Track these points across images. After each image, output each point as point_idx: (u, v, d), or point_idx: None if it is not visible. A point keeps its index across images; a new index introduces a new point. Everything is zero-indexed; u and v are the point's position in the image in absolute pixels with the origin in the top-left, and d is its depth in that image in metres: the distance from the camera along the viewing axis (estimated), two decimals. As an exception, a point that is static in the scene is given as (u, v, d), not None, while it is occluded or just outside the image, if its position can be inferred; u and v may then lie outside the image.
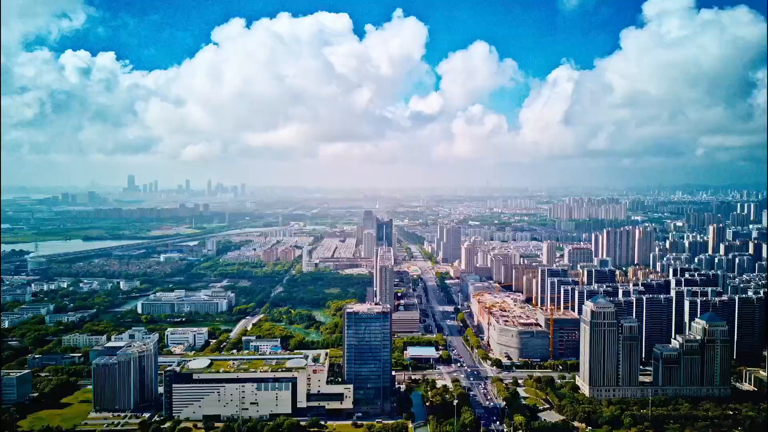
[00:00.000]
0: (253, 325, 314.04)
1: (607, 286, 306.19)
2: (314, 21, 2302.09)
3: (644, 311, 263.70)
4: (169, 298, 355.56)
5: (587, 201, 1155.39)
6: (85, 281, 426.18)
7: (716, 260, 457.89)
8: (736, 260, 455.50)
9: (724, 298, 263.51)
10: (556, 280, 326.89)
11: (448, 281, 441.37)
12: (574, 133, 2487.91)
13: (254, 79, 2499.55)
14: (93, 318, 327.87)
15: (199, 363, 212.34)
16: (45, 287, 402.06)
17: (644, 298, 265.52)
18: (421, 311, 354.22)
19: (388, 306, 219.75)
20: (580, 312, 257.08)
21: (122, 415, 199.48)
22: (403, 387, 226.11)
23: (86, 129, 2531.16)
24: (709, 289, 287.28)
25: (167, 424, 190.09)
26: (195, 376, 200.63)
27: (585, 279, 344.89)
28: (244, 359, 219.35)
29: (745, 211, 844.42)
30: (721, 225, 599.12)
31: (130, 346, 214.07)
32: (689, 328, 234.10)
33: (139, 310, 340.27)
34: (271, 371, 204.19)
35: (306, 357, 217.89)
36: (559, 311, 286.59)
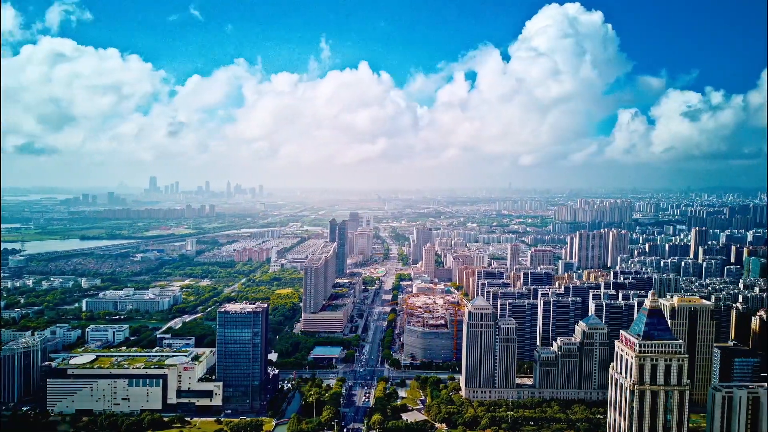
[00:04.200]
0: (184, 323, 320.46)
1: (534, 289, 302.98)
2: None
3: (551, 314, 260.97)
4: (114, 296, 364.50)
5: (599, 203, 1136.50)
6: (52, 279, 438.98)
7: (683, 264, 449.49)
8: (704, 264, 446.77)
9: (633, 302, 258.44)
10: (486, 281, 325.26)
11: (404, 282, 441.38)
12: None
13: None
14: (37, 315, 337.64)
15: (83, 358, 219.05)
16: (10, 284, 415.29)
17: (551, 300, 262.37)
18: (358, 312, 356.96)
19: (265, 305, 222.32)
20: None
21: (3, 407, 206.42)
22: (289, 386, 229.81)
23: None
24: (632, 292, 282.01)
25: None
26: (69, 371, 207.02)
27: (522, 281, 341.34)
28: (128, 355, 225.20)
29: (751, 215, 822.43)
30: (704, 228, 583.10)
31: (17, 342, 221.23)
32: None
33: (84, 308, 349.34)
34: (144, 368, 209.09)
35: (189, 355, 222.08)
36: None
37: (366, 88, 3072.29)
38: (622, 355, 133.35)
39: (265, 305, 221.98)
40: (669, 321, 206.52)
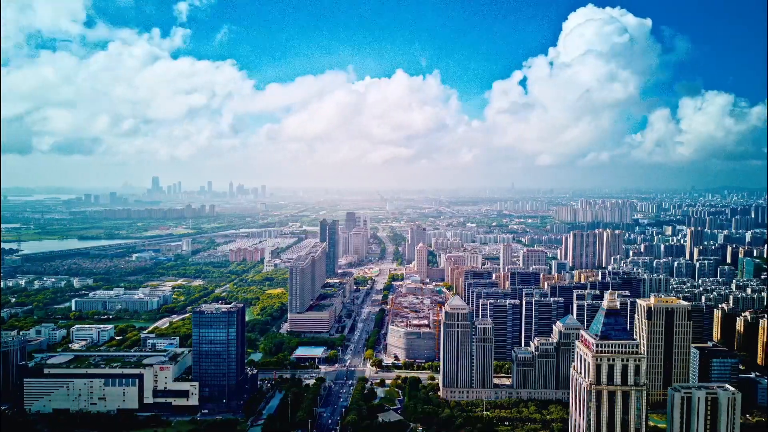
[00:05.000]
0: (171, 323, 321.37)
1: (519, 289, 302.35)
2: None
3: (533, 313, 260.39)
4: (103, 296, 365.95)
5: (600, 203, 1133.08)
6: (45, 279, 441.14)
7: (676, 264, 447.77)
8: (698, 264, 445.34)
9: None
10: (473, 281, 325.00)
11: (396, 282, 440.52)
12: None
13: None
14: (26, 314, 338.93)
15: (61, 358, 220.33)
16: (2, 284, 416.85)
17: (533, 300, 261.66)
18: (347, 312, 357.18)
19: (241, 304, 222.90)
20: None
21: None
22: (268, 386, 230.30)
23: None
24: (617, 293, 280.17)
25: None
26: (46, 371, 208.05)
27: (509, 281, 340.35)
28: (106, 355, 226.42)
29: (753, 215, 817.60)
30: (700, 228, 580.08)
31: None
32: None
33: (73, 308, 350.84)
34: (121, 368, 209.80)
35: (167, 355, 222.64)
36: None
37: (424, 95, 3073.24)
38: (581, 355, 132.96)
39: (241, 305, 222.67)
40: (646, 321, 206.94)
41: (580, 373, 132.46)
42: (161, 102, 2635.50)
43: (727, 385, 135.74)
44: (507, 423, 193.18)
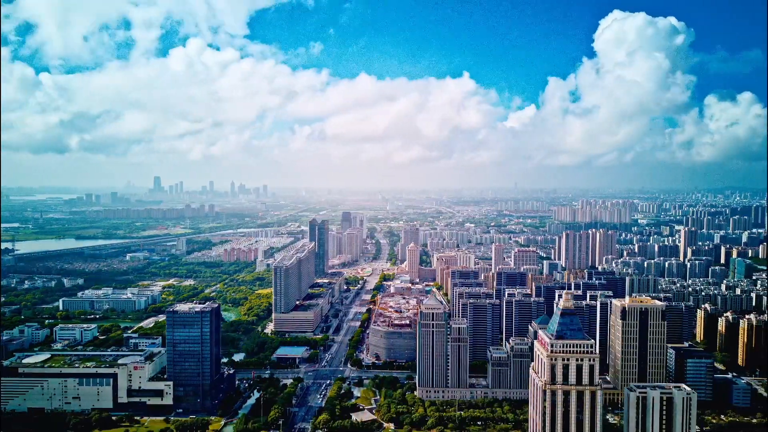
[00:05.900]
0: (157, 322, 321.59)
1: (503, 289, 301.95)
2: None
3: (513, 313, 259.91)
4: (91, 295, 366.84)
5: (600, 203, 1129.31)
6: (36, 278, 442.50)
7: (667, 264, 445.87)
8: (689, 265, 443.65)
9: (596, 302, 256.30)
10: (459, 281, 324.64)
11: (387, 282, 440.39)
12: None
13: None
14: (13, 314, 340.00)
15: (37, 357, 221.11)
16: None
17: (513, 300, 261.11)
18: (335, 312, 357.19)
19: (216, 304, 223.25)
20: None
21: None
22: (246, 386, 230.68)
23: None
24: (599, 293, 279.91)
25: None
26: (21, 370, 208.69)
27: (496, 281, 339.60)
28: (82, 354, 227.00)
29: (752, 215, 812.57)
30: (693, 228, 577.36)
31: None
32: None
33: (60, 307, 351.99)
34: (95, 367, 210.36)
35: (143, 354, 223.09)
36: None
37: (462, 97, 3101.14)
38: (538, 355, 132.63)
39: (216, 305, 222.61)
40: (620, 321, 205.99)
41: (537, 372, 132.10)
42: (234, 104, 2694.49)
43: (683, 385, 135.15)
44: (480, 423, 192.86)
